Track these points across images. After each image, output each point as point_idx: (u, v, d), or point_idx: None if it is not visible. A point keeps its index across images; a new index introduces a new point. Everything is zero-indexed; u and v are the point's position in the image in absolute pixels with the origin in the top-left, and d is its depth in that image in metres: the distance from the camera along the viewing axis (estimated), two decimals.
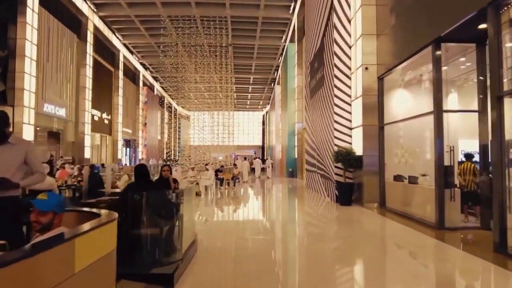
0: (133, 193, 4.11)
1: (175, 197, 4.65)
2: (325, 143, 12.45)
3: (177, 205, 4.55)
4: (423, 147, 8.30)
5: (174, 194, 4.67)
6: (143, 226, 4.09)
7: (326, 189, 12.51)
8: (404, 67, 9.19)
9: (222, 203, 12.74)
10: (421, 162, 8.17)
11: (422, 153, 8.23)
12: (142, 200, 4.12)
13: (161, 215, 4.23)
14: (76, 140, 25.87)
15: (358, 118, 10.57)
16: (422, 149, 8.33)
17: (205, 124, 37.49)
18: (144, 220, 4.10)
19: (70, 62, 24.28)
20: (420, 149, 8.25)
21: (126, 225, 4.00)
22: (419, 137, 8.44)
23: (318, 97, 13.71)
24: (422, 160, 8.17)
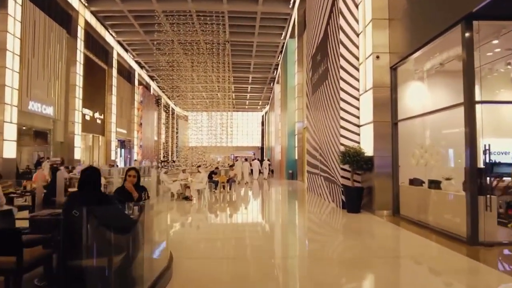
0: (72, 208, 2.90)
1: (138, 211, 3.42)
2: (330, 142, 11.25)
3: (136, 223, 3.33)
4: (448, 146, 7.10)
5: (136, 208, 3.45)
6: (84, 255, 2.88)
7: (331, 193, 11.30)
8: (421, 55, 8.00)
9: (215, 209, 11.52)
10: (445, 164, 6.95)
11: (446, 153, 7.02)
12: (88, 218, 2.90)
13: (112, 238, 3.01)
14: (66, 140, 24.66)
15: (368, 114, 9.37)
16: (447, 149, 7.12)
17: (203, 125, 36.32)
18: (87, 247, 2.88)
19: (59, 58, 23.07)
20: (444, 149, 7.05)
21: (65, 252, 2.80)
22: (443, 134, 7.24)
23: (321, 92, 12.52)
24: (447, 161, 6.95)
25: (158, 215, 5.49)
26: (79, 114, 25.53)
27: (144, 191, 4.33)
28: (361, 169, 9.10)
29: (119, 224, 3.06)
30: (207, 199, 12.82)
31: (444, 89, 7.90)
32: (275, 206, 12.95)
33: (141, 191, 4.29)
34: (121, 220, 3.14)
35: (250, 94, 55.83)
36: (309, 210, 11.43)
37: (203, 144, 35.82)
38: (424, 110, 7.74)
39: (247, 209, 11.80)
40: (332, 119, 10.87)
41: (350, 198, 9.38)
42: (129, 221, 3.23)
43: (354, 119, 10.02)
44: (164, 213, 6.91)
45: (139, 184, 4.41)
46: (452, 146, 7.24)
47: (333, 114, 10.81)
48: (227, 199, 13.68)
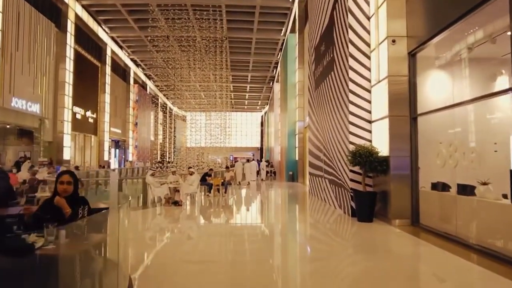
0: None
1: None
2: (336, 141, 10.01)
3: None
4: (486, 145, 5.86)
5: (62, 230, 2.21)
6: None
7: (337, 199, 10.06)
8: (445, 37, 6.78)
9: (207, 215, 10.27)
10: (482, 165, 5.71)
11: (483, 153, 5.78)
12: None
13: None
14: (55, 140, 23.42)
15: (382, 107, 8.14)
16: (484, 148, 5.88)
17: (202, 125, 35.14)
18: None
19: (47, 53, 21.82)
20: (481, 148, 5.81)
21: None
22: (477, 129, 6.01)
23: (326, 85, 11.29)
24: (485, 162, 5.71)
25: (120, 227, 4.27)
26: (69, 113, 24.28)
27: (83, 206, 3.07)
28: (374, 171, 7.86)
29: None
30: (199, 204, 11.58)
31: (473, 78, 6.67)
32: (274, 212, 11.71)
33: (78, 205, 3.04)
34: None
35: (249, 93, 54.65)
36: (313, 218, 10.18)
37: (201, 145, 34.74)
38: (451, 101, 6.50)
39: (243, 216, 10.56)
40: (339, 115, 9.64)
41: (361, 205, 8.14)
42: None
43: (365, 114, 8.79)
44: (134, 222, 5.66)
45: (77, 195, 3.18)
46: (487, 144, 6.01)
47: (340, 109, 9.58)
48: (222, 204, 12.43)
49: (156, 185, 10.63)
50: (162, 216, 9.94)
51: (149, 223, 9.07)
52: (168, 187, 10.65)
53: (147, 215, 10.16)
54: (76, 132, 27.43)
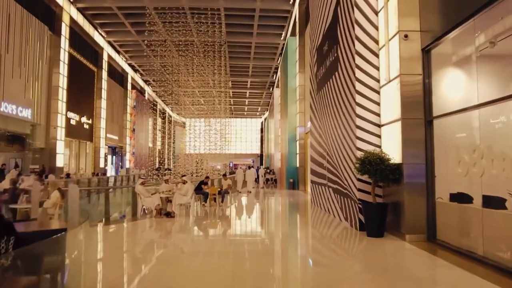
0: None
1: None
2: (341, 147, 9.23)
3: None
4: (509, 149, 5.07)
5: None
6: None
7: (343, 210, 9.25)
8: (464, 31, 6.04)
9: (201, 228, 9.46)
10: None
11: None
12: None
13: None
14: (47, 146, 22.64)
15: (392, 110, 7.37)
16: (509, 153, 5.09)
17: (201, 131, 34.49)
18: None
19: (39, 57, 21.15)
20: (509, 153, 5.01)
21: None
22: (506, 134, 5.22)
23: (329, 87, 10.54)
24: None
25: None
26: (63, 118, 23.54)
27: (6, 236, 2.24)
28: (385, 181, 7.06)
29: None
30: (194, 215, 10.76)
31: (498, 76, 5.91)
32: (274, 225, 10.90)
33: None
34: None
35: (249, 99, 54.05)
36: (317, 232, 9.35)
37: (200, 151, 34.04)
38: (475, 101, 5.72)
39: (240, 229, 9.75)
40: (345, 118, 8.87)
41: (371, 218, 7.33)
42: None
43: (373, 117, 8.02)
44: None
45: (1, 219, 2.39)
46: None
47: (346, 112, 8.81)
48: (218, 215, 11.62)
49: (146, 195, 9.82)
50: (151, 230, 9.13)
51: (135, 239, 8.26)
52: (159, 197, 9.85)
53: (135, 229, 9.35)
54: (70, 139, 26.67)
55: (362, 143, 7.95)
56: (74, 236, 3.12)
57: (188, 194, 9.89)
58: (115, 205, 12.67)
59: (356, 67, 8.08)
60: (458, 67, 6.65)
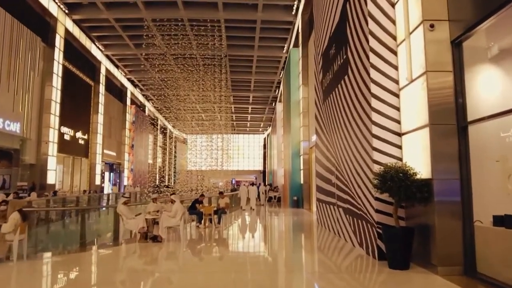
0: None
1: None
2: (354, 160, 8.00)
3: None
4: None
5: None
6: None
7: (357, 234, 7.95)
8: (504, 18, 4.91)
9: (192, 254, 8.17)
10: None
11: None
12: None
13: None
14: (38, 162, 21.52)
15: (415, 115, 6.19)
16: None
17: (203, 147, 33.55)
18: None
19: (31, 68, 20.26)
20: None
21: None
22: None
23: (338, 94, 9.39)
24: None
25: None
26: (55, 133, 22.50)
27: None
28: (411, 200, 5.80)
29: None
30: (185, 238, 9.47)
31: None
32: (277, 251, 9.57)
33: None
34: None
35: (251, 115, 53.13)
36: (326, 259, 8.02)
37: (202, 168, 32.96)
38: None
39: (239, 256, 8.44)
40: (358, 127, 7.67)
41: (393, 245, 6.04)
42: None
43: (392, 124, 6.82)
44: None
45: None
46: None
47: (359, 120, 7.62)
48: (214, 238, 10.32)
49: (129, 216, 8.57)
50: (134, 258, 7.84)
51: (112, 270, 6.96)
52: (144, 219, 8.59)
53: (115, 256, 8.07)
54: (64, 154, 25.58)
55: (379, 155, 6.72)
56: None
57: (177, 216, 8.62)
58: (98, 228, 11.43)
59: (371, 66, 6.93)
60: (497, 61, 5.47)
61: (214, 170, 32.89)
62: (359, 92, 7.59)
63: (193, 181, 33.73)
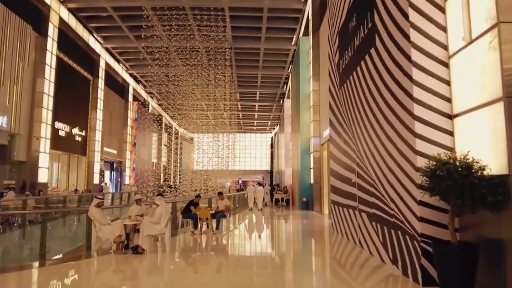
0: None
1: None
2: (384, 153, 6.28)
3: None
4: None
5: None
6: None
7: (388, 247, 6.24)
8: None
9: (178, 271, 6.53)
10: None
11: None
12: None
13: None
14: (28, 159, 20.10)
15: (479, 87, 4.47)
16: None
17: (209, 146, 32.29)
18: None
19: (20, 58, 18.84)
20: None
21: None
22: None
23: (360, 73, 7.68)
24: None
25: None
26: (48, 128, 21.06)
27: None
28: (479, 204, 4.07)
29: None
30: (170, 250, 7.84)
31: None
32: (285, 263, 7.90)
33: None
34: None
35: (258, 113, 51.48)
36: (352, 281, 6.31)
37: (208, 167, 31.60)
38: None
39: (237, 269, 6.78)
40: (391, 110, 5.96)
41: (449, 268, 4.32)
42: None
43: (441, 103, 5.10)
44: None
45: None
46: None
47: (392, 101, 5.91)
48: (209, 247, 8.68)
49: (103, 222, 6.96)
50: (104, 274, 6.23)
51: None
52: (121, 225, 6.97)
53: (80, 272, 6.47)
54: (59, 152, 24.21)
55: (425, 145, 5.01)
56: None
57: (162, 222, 6.98)
58: (72, 235, 9.87)
59: (412, 27, 5.22)
60: None
61: (221, 170, 31.53)
62: (392, 65, 5.88)
63: (197, 181, 32.37)
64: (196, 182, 31.51)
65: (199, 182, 31.61)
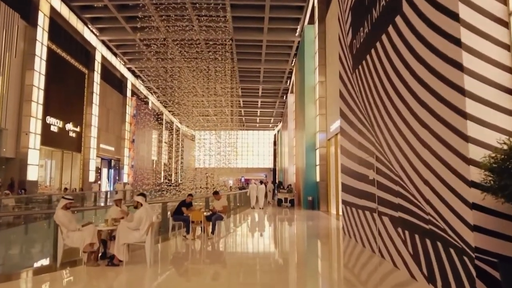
0: None
1: None
2: (416, 143, 5.03)
3: None
4: None
5: None
6: None
7: (421, 261, 5.00)
8: None
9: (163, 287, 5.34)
10: None
11: None
12: None
13: None
14: (17, 156, 18.98)
15: None
16: None
17: (211, 144, 31.30)
18: None
19: (7, 48, 17.69)
20: None
21: None
22: None
23: (381, 49, 6.43)
24: None
25: None
26: (38, 123, 19.91)
27: None
28: None
29: None
30: (154, 260, 6.63)
31: None
32: (290, 273, 6.68)
33: None
34: None
35: (261, 109, 50.21)
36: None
37: (210, 165, 30.59)
38: None
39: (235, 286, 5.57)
40: (427, 88, 4.70)
41: None
42: None
43: (500, 74, 3.85)
44: None
45: None
46: None
47: (428, 75, 4.65)
48: (205, 254, 7.47)
49: (71, 227, 5.77)
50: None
51: None
52: (94, 231, 5.78)
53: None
54: (52, 148, 23.10)
55: (480, 130, 3.76)
56: None
57: (142, 228, 5.77)
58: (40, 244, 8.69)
59: None
60: None
61: (223, 168, 30.52)
62: (427, 30, 4.63)
63: (198, 179, 31.37)
64: (197, 180, 30.63)
65: (200, 180, 30.72)
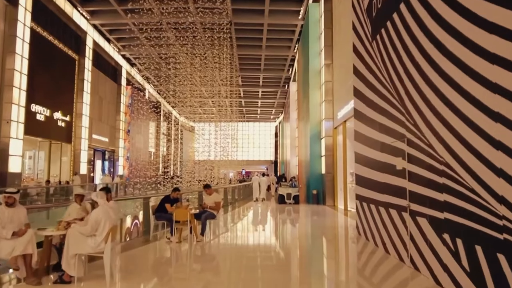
0: None
1: None
2: (477, 118, 3.52)
3: None
4: None
5: None
6: None
7: (484, 281, 3.51)
8: None
9: None
10: None
11: None
12: None
13: None
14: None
15: None
16: None
17: (211, 135, 30.11)
18: None
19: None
20: None
21: None
22: None
23: (413, 4, 4.89)
24: None
25: None
26: (21, 111, 18.42)
27: None
28: None
29: None
30: (112, 276, 5.17)
31: None
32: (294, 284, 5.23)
33: None
34: None
35: (262, 100, 48.64)
36: None
37: (210, 157, 29.36)
38: None
39: None
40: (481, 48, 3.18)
41: None
42: None
43: None
44: None
45: None
46: None
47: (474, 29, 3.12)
48: (189, 263, 6.03)
49: (2, 233, 4.31)
50: None
51: None
52: (30, 237, 4.31)
53: None
54: (38, 138, 21.65)
55: None
56: None
57: (100, 233, 4.30)
58: None
59: None
60: None
61: (223, 160, 29.28)
62: None
63: (197, 171, 30.19)
64: (196, 172, 29.51)
65: (198, 172, 29.60)
